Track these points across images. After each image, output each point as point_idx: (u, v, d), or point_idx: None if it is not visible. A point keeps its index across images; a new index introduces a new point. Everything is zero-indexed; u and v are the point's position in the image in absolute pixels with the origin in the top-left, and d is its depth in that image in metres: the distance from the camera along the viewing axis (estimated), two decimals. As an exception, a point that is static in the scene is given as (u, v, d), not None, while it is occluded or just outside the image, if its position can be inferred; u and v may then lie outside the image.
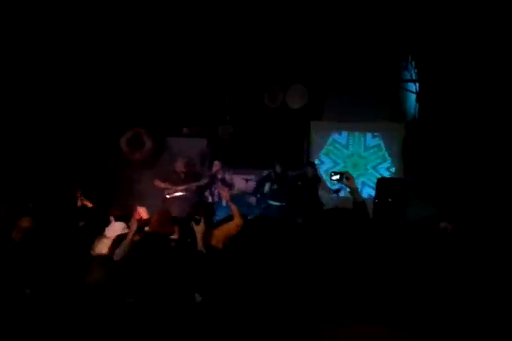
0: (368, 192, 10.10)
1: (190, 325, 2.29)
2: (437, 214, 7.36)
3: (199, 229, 3.97)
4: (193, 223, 4.04)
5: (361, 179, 10.30)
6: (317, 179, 8.93)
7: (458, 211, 7.37)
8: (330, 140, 10.65)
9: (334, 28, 9.42)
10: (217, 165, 8.72)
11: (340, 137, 10.65)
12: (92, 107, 8.87)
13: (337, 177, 3.58)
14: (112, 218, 4.89)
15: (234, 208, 5.03)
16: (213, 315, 2.32)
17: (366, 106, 10.12)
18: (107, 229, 4.80)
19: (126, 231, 4.67)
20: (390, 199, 8.27)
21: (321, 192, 9.08)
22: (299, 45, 9.82)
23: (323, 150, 10.65)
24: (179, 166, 8.20)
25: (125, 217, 4.82)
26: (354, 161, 10.52)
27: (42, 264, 3.15)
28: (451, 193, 8.36)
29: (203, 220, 4.02)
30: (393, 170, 10.28)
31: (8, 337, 2.36)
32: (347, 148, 10.58)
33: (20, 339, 2.33)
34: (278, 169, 8.89)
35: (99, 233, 4.74)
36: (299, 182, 8.77)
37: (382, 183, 8.61)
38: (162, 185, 8.06)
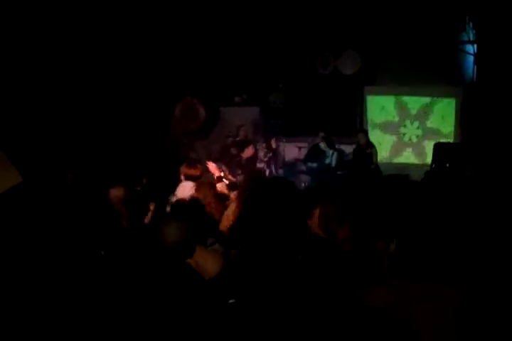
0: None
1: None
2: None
3: None
4: None
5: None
6: (370, 145, 8.82)
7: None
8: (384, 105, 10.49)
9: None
10: (275, 140, 8.90)
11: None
12: (146, 78, 9.00)
13: None
14: (182, 177, 5.06)
15: None
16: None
17: (421, 70, 9.81)
18: (177, 188, 4.96)
19: (193, 190, 4.83)
20: (447, 165, 8.12)
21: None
22: (350, 8, 9.60)
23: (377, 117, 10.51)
24: (242, 135, 8.42)
25: (195, 177, 4.99)
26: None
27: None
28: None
29: None
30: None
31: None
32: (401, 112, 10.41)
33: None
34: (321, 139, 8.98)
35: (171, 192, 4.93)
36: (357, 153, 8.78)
37: (439, 148, 8.43)
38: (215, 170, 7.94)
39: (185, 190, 4.88)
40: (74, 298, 2.54)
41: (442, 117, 10.06)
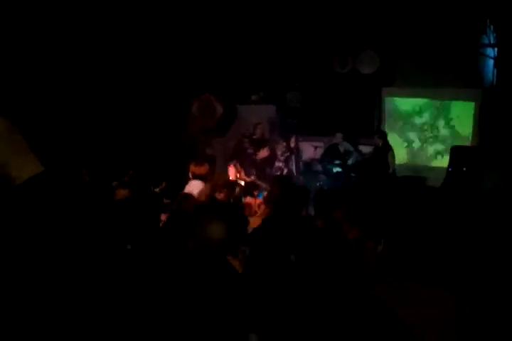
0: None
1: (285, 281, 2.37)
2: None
3: None
4: None
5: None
6: (387, 148, 8.79)
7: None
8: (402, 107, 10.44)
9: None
10: (294, 140, 8.88)
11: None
12: (163, 75, 9.02)
13: None
14: (190, 175, 5.07)
15: None
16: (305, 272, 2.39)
17: (441, 72, 9.74)
18: (186, 186, 4.98)
19: (201, 188, 4.85)
20: (464, 169, 8.06)
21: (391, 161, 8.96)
22: (370, 9, 9.56)
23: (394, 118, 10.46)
24: (259, 133, 8.39)
25: (202, 176, 4.99)
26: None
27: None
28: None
29: None
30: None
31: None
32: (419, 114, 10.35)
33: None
34: (339, 140, 8.98)
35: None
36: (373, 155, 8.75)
37: (456, 152, 8.38)
38: (234, 173, 7.76)
39: (193, 189, 4.90)
40: (100, 292, 2.54)
41: (461, 120, 10.00)
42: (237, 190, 5.71)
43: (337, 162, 9.05)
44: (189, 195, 4.79)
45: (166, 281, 2.43)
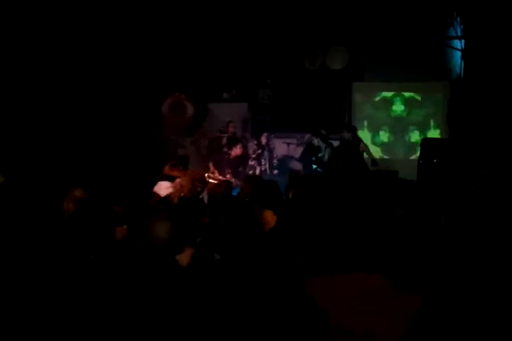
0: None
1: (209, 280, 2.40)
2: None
3: None
4: None
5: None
6: (356, 141, 8.76)
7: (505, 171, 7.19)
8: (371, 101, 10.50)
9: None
10: (266, 136, 8.85)
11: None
12: (133, 74, 8.95)
13: None
14: (162, 176, 5.04)
15: None
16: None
17: (409, 66, 9.83)
18: (155, 188, 4.94)
19: (170, 190, 4.82)
20: (434, 160, 8.14)
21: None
22: (338, 4, 9.60)
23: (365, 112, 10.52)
24: (231, 131, 8.43)
25: (173, 178, 4.96)
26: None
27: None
28: (496, 155, 8.16)
29: None
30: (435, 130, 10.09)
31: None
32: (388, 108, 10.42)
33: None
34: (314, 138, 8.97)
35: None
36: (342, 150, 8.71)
37: (427, 144, 8.46)
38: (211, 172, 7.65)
39: (161, 188, 4.88)
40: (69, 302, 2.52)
41: (430, 113, 10.11)
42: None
43: (313, 159, 9.04)
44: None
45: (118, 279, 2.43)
